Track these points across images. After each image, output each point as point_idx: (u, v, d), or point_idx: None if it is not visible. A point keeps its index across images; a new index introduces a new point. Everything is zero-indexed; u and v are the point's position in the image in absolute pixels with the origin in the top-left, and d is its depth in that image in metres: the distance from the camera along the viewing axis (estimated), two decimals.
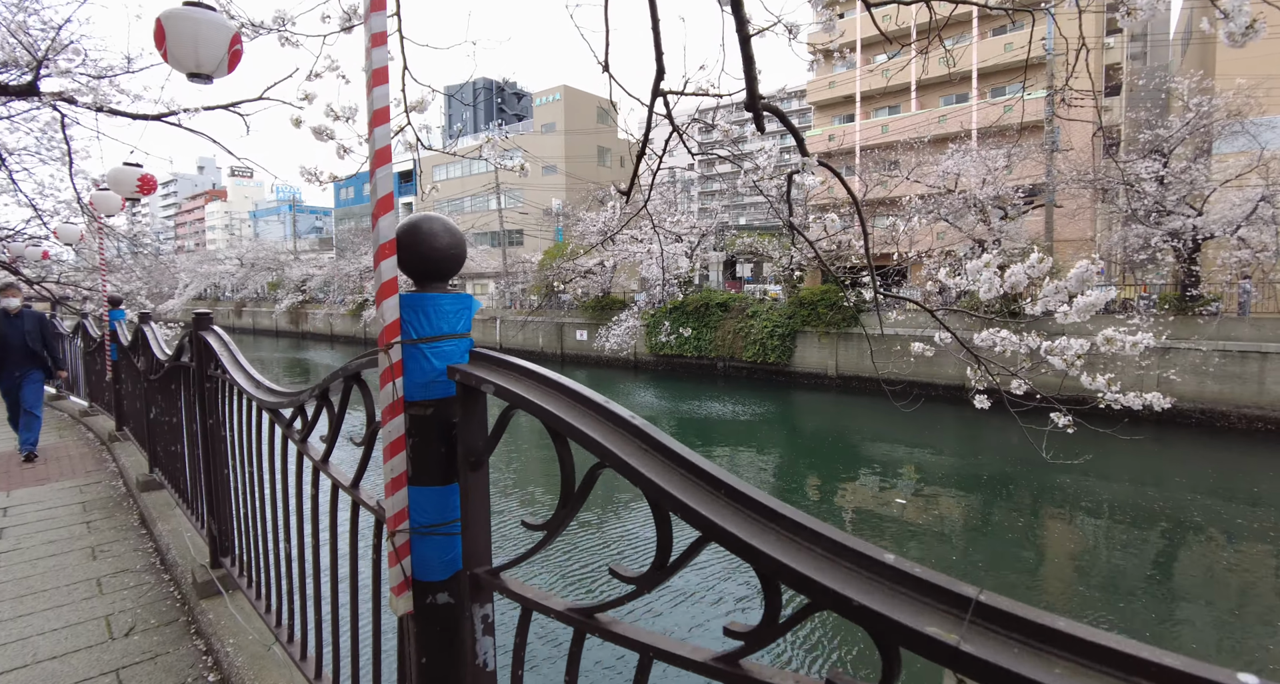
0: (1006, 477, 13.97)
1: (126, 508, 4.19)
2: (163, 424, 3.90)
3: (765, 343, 25.88)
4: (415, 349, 1.08)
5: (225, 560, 2.70)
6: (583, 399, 0.90)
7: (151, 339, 3.90)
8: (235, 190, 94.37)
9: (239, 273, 50.16)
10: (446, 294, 1.11)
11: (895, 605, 0.57)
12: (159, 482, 4.18)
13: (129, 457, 5.08)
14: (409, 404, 1.10)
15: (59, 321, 8.79)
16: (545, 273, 32.46)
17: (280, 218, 76.11)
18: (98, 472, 5.13)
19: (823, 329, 24.78)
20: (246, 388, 2.10)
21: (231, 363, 2.30)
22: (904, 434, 18.13)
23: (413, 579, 1.12)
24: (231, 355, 2.34)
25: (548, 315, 32.95)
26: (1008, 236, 21.38)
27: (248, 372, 2.18)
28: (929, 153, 23.55)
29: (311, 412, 1.68)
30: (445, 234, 1.11)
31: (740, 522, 0.70)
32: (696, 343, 27.74)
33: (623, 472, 0.79)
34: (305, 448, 1.73)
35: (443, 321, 1.10)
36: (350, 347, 42.13)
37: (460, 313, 1.12)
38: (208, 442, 2.68)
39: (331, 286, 44.83)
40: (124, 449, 5.38)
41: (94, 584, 3.05)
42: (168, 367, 3.48)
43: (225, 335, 2.49)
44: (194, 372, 2.75)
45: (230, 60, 3.15)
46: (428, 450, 1.10)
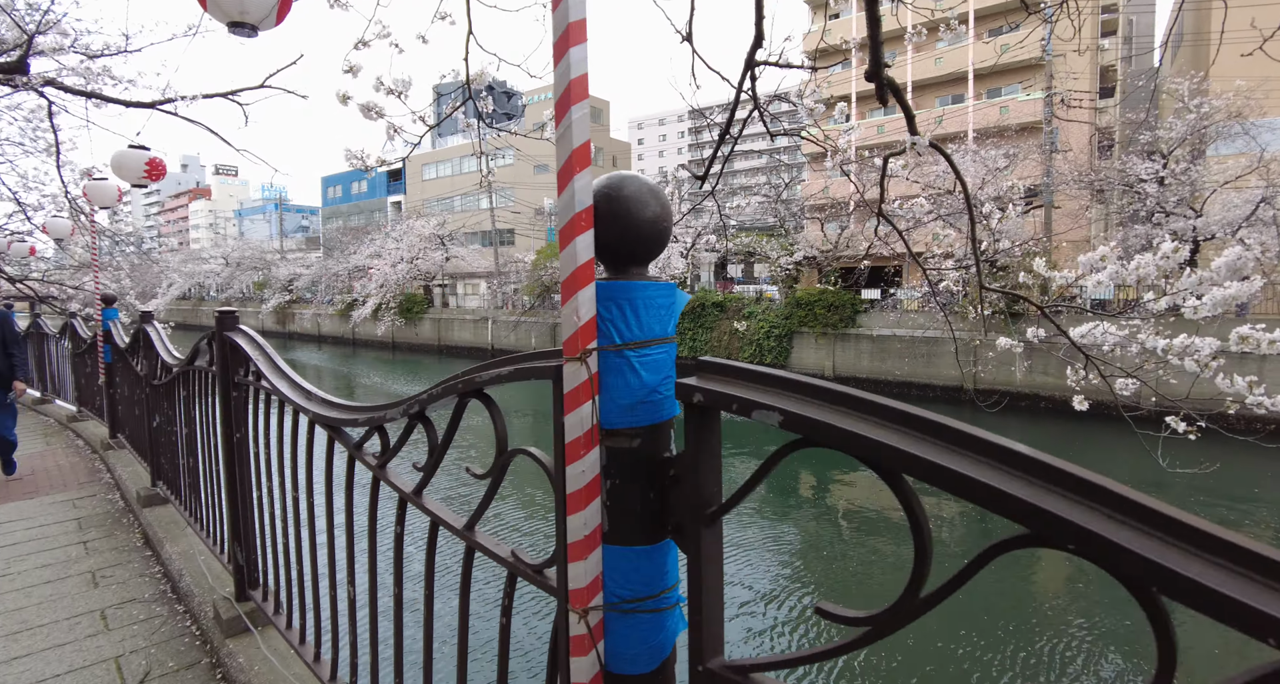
0: None
1: (127, 525, 3.82)
2: (168, 434, 3.55)
3: (762, 343, 25.71)
4: (619, 358, 0.78)
5: (254, 593, 2.36)
6: (929, 425, 0.60)
7: (157, 340, 3.54)
8: (220, 189, 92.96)
9: (224, 272, 49.29)
10: (656, 283, 0.80)
11: None
12: (163, 496, 3.82)
13: (126, 467, 4.70)
14: (606, 433, 0.79)
15: (42, 321, 8.33)
16: (539, 273, 32.06)
17: (266, 217, 75.00)
18: (91, 484, 4.75)
19: (820, 330, 24.64)
20: (295, 399, 1.77)
21: (271, 369, 1.97)
22: None
23: (605, 672, 0.81)
24: (270, 360, 2.01)
25: (541, 316, 32.55)
26: (1005, 236, 21.31)
27: (294, 380, 1.85)
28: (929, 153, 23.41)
29: (398, 432, 1.36)
30: (653, 201, 0.81)
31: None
32: (692, 343, 27.50)
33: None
34: (384, 475, 1.41)
35: (654, 320, 0.80)
36: (339, 347, 41.49)
37: (670, 309, 0.82)
38: (232, 458, 2.35)
39: (319, 286, 44.13)
40: (119, 458, 4.99)
41: (98, 617, 2.70)
42: (178, 371, 3.13)
43: (259, 337, 2.16)
44: (215, 378, 2.42)
45: (280, 10, 2.78)
46: (632, 497, 0.80)
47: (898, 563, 8.90)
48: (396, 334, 38.55)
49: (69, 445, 6.08)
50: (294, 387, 1.83)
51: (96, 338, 5.75)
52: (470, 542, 1.16)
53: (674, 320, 0.81)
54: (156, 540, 3.33)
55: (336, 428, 1.59)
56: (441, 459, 1.24)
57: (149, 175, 5.38)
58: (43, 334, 8.13)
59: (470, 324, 36.13)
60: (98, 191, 5.63)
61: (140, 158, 5.44)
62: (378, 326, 38.05)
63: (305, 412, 1.71)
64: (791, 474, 14.32)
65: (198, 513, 3.16)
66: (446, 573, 5.33)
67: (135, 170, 5.41)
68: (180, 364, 3.05)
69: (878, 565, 9.07)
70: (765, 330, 25.72)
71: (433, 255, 37.99)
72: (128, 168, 5.48)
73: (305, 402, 1.72)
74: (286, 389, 1.84)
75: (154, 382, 3.77)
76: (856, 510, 11.92)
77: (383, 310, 37.42)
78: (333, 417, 1.57)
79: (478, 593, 5.85)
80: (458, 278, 42.37)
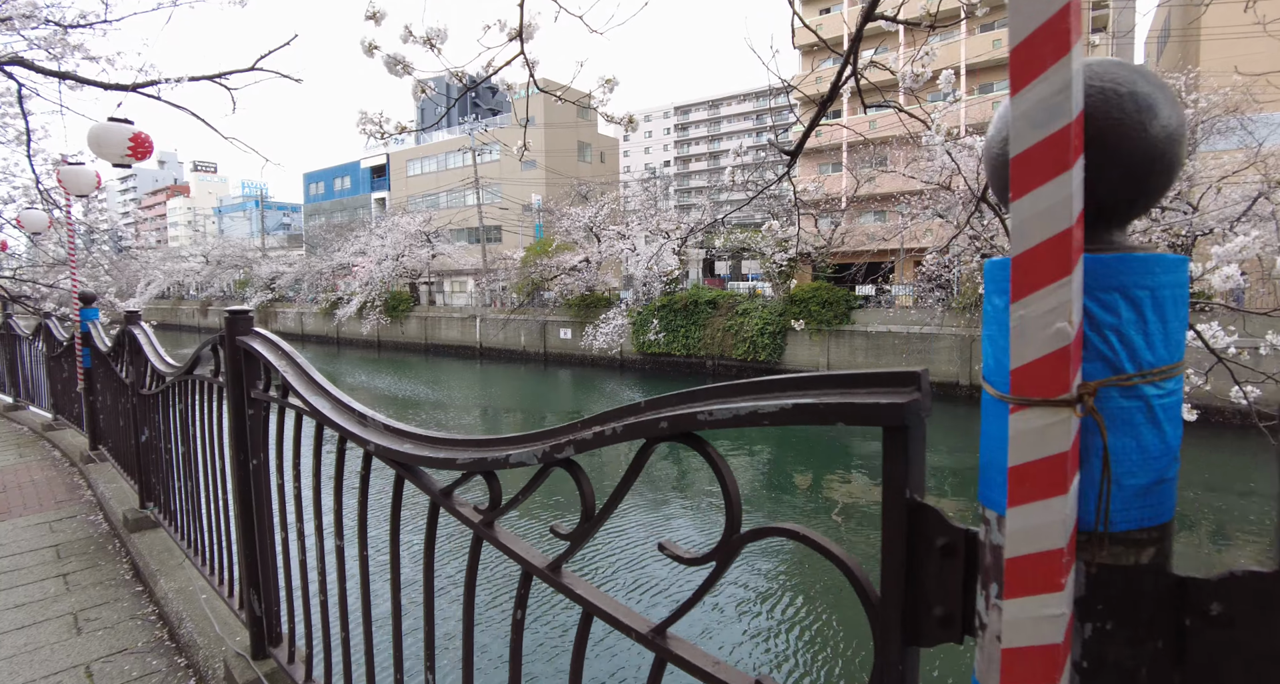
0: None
1: (113, 553, 3.38)
2: (161, 451, 3.12)
3: (756, 341, 25.47)
4: (1130, 399, 0.40)
5: (275, 651, 1.96)
6: None
7: (146, 345, 3.11)
8: (199, 186, 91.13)
9: (204, 271, 48.19)
10: (1173, 256, 0.43)
11: None
12: (154, 520, 3.38)
13: (109, 483, 4.25)
14: (1112, 538, 0.41)
15: (14, 322, 7.77)
16: (528, 270, 31.54)
17: (246, 214, 73.59)
18: (71, 502, 4.28)
19: (814, 326, 24.42)
20: (344, 424, 1.37)
21: (305, 383, 1.57)
22: None
23: None
24: (302, 372, 1.61)
25: (530, 314, 32.04)
26: (1001, 232, 21.18)
27: (339, 399, 1.45)
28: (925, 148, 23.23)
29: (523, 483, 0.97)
30: (1165, 105, 0.43)
31: None
32: (685, 341, 27.21)
33: None
34: (493, 536, 1.02)
35: (1178, 328, 0.42)
36: (323, 346, 40.69)
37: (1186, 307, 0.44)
38: (246, 488, 1.94)
39: (302, 285, 43.25)
40: (101, 472, 4.53)
41: (83, 675, 2.28)
42: (173, 381, 2.71)
43: (285, 344, 1.75)
44: (223, 391, 2.01)
45: None
46: (1140, 664, 0.42)
47: None
48: (382, 333, 37.85)
49: (44, 457, 5.58)
50: (340, 407, 1.42)
51: (74, 340, 5.28)
52: (662, 652, 0.78)
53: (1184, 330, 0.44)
54: (149, 574, 2.90)
55: (410, 467, 1.20)
56: (594, 527, 0.85)
57: (133, 153, 4.71)
58: (15, 336, 7.59)
59: (458, 322, 35.55)
60: (73, 178, 5.04)
61: (123, 133, 4.78)
62: (363, 325, 37.33)
63: (359, 441, 1.32)
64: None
65: (197, 543, 2.74)
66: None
67: (118, 147, 4.71)
68: (176, 373, 2.62)
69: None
70: (759, 327, 25.47)
71: (419, 252, 37.33)
72: (109, 144, 4.78)
73: (359, 428, 1.32)
74: (330, 410, 1.44)
75: (142, 390, 3.33)
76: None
77: (368, 309, 36.72)
78: (407, 452, 1.17)
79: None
80: (444, 275, 41.71)
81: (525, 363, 32.10)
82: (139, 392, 3.36)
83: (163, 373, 2.83)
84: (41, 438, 6.29)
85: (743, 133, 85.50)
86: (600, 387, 25.49)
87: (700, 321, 27.01)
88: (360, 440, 1.31)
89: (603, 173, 46.76)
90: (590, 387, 25.71)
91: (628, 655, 5.99)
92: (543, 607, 6.77)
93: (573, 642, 0.91)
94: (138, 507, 3.51)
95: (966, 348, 21.67)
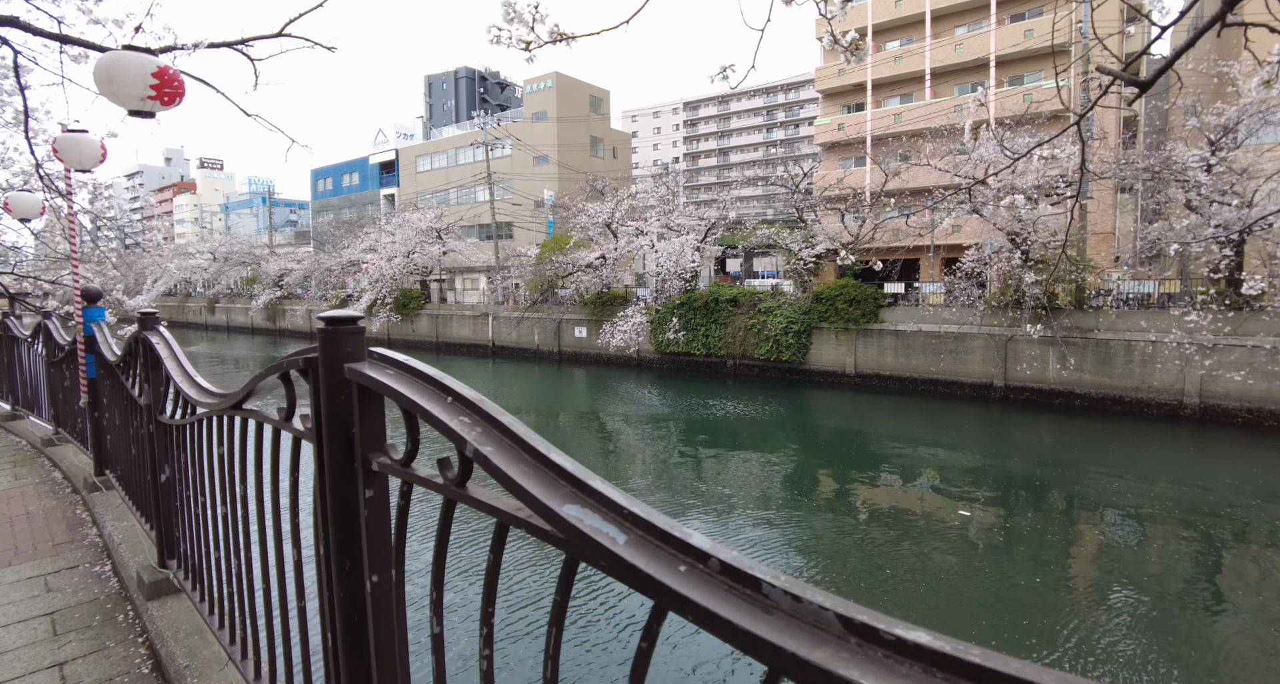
0: (1042, 479, 13.18)
1: (124, 628, 2.60)
2: (188, 499, 2.35)
3: (779, 340, 24.65)
4: None
5: None
6: None
7: (169, 359, 2.32)
8: (205, 182, 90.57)
9: (211, 267, 47.56)
10: None
11: None
12: (176, 585, 2.61)
13: (118, 522, 3.48)
14: None
15: (10, 322, 7.01)
16: (544, 267, 30.74)
17: (253, 211, 72.97)
18: (72, 545, 3.51)
19: (841, 325, 23.60)
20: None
21: (513, 452, 0.78)
22: (929, 434, 17.45)
23: None
24: (510, 433, 0.82)
25: (544, 312, 31.26)
26: (1037, 228, 20.32)
27: (611, 500, 0.67)
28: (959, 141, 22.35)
29: None
30: None
31: None
32: (705, 340, 26.41)
33: None
34: None
35: None
36: None
37: None
38: (356, 611, 1.16)
39: (311, 282, 42.58)
40: (108, 504, 3.77)
41: None
42: (211, 414, 1.93)
43: (471, 393, 0.95)
44: (320, 447, 1.22)
45: None
46: None
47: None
48: (392, 330, 37.16)
49: (43, 480, 4.82)
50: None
51: (76, 344, 4.52)
52: None
53: None
54: (176, 674, 2.12)
55: None
56: None
57: (158, 95, 3.51)
58: (13, 337, 6.83)
59: (469, 320, 34.83)
60: (73, 148, 4.13)
61: (144, 67, 3.52)
62: (373, 323, 36.64)
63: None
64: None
65: (243, 639, 1.95)
66: None
67: (137, 86, 3.52)
68: (218, 405, 1.83)
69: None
70: (783, 326, 24.64)
71: (430, 249, 36.61)
72: (125, 82, 3.56)
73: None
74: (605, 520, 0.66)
75: (162, 417, 2.56)
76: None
77: (378, 306, 36.00)
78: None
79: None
80: (456, 272, 40.98)
81: (539, 362, 31.36)
82: (157, 417, 2.58)
83: (194, 400, 2.05)
84: (40, 454, 5.53)
85: (753, 129, 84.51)
86: (616, 387, 24.73)
87: (721, 320, 26.21)
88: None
89: (615, 168, 45.93)
90: (606, 386, 24.95)
91: None
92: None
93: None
94: (156, 564, 2.74)
95: (1001, 348, 20.85)
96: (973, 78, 29.60)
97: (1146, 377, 18.55)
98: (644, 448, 16.63)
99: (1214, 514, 10.81)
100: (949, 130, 22.28)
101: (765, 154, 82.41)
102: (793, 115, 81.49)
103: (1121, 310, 18.72)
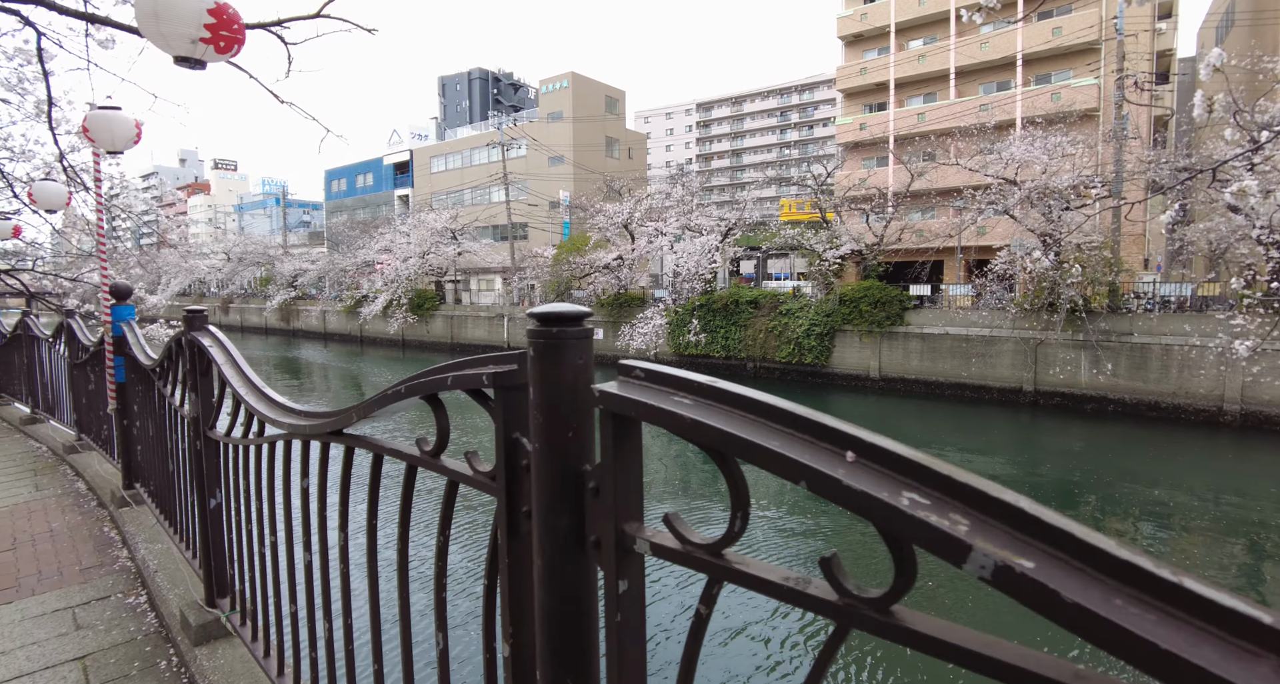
0: (1075, 485, 12.81)
1: (171, 679, 2.23)
2: (248, 532, 1.97)
3: (802, 342, 24.17)
4: None
5: None
6: None
7: (226, 364, 1.94)
8: (219, 183, 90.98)
9: (225, 268, 47.57)
10: None
11: None
12: (229, 629, 2.23)
13: (151, 544, 3.11)
14: None
15: (31, 321, 6.69)
16: (560, 267, 30.39)
17: (267, 212, 73.16)
18: (101, 569, 3.14)
19: (865, 327, 23.10)
20: None
21: None
22: (956, 439, 17.01)
23: None
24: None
25: None
26: (1069, 230, 19.77)
27: None
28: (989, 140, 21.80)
29: None
30: None
31: None
32: (725, 342, 25.96)
33: None
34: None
35: None
36: (345, 345, 39.88)
37: None
38: None
39: (325, 282, 42.46)
40: (139, 523, 3.41)
41: None
42: (306, 434, 1.55)
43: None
44: (501, 518, 0.83)
45: None
46: None
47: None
48: (407, 332, 36.93)
49: (66, 491, 4.47)
50: None
51: (104, 345, 4.16)
52: None
53: None
54: None
55: None
56: None
57: (213, 38, 2.87)
58: (34, 337, 6.51)
59: (485, 321, 34.55)
60: (105, 126, 3.62)
61: (199, 2, 2.84)
62: (389, 324, 36.43)
63: None
64: None
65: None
66: None
67: (189, 25, 2.83)
68: (309, 428, 1.44)
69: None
70: (805, 328, 24.16)
71: (445, 250, 36.36)
72: (175, 19, 2.84)
73: None
74: None
75: (212, 432, 2.18)
76: None
77: (394, 307, 35.78)
78: None
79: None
80: (471, 273, 40.74)
81: None
82: (206, 432, 2.21)
83: (266, 417, 1.66)
84: (63, 462, 5.19)
85: (766, 130, 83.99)
86: None
87: (741, 322, 25.76)
88: None
89: (631, 169, 45.57)
90: None
91: None
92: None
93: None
94: (203, 601, 2.36)
95: (1031, 352, 20.33)
96: (998, 76, 29.04)
97: (1185, 382, 17.99)
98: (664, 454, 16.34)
99: (1261, 526, 10.35)
100: (979, 129, 21.76)
101: (779, 155, 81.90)
102: (807, 116, 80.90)
103: (1162, 314, 18.15)
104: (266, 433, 1.70)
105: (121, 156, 3.45)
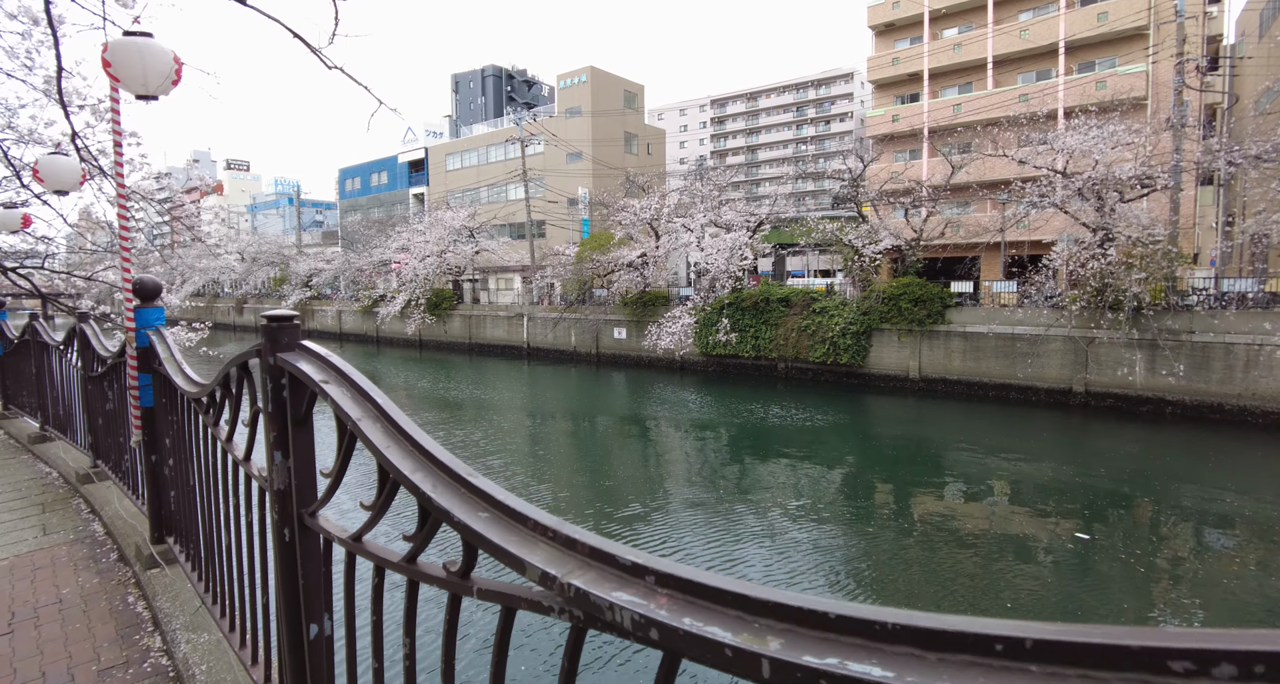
0: (1140, 494, 11.95)
1: None
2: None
3: (837, 342, 23.18)
4: None
5: None
6: None
7: (371, 421, 1.09)
8: (231, 183, 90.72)
9: (240, 268, 47.06)
10: None
11: None
12: None
13: (196, 636, 2.26)
14: None
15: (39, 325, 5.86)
16: (583, 266, 29.52)
17: (279, 212, 72.74)
18: (129, 670, 2.30)
19: (904, 327, 22.10)
20: None
21: None
22: (1002, 442, 16.17)
23: None
24: None
25: (583, 312, 30.04)
26: (1128, 223, 18.72)
27: None
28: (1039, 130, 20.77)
29: None
30: None
31: None
32: (755, 342, 25.01)
33: None
34: None
35: None
36: (361, 345, 39.31)
37: None
38: None
39: (340, 282, 41.83)
40: (175, 594, 2.56)
41: None
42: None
43: None
44: None
45: None
46: None
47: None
48: (424, 332, 36.22)
49: (79, 536, 3.63)
50: None
51: (125, 356, 3.33)
52: None
53: None
54: None
55: None
56: None
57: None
58: (43, 344, 5.69)
59: (504, 321, 33.76)
60: (134, 60, 2.54)
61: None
62: (406, 324, 35.71)
63: None
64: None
65: None
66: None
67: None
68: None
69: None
70: (840, 327, 23.17)
71: (462, 248, 35.60)
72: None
73: None
74: None
75: (314, 520, 1.32)
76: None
77: (411, 307, 35.05)
78: None
79: None
80: (489, 272, 39.98)
81: (575, 364, 30.18)
82: (304, 518, 1.35)
83: (468, 527, 0.79)
84: (75, 494, 4.36)
85: (782, 126, 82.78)
86: (659, 392, 23.44)
87: (772, 321, 24.79)
88: None
89: (650, 164, 44.64)
90: (649, 390, 23.68)
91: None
92: None
93: None
94: None
95: (1080, 351, 19.29)
96: (1039, 65, 27.92)
97: (1251, 383, 16.93)
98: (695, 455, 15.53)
99: None
100: (1029, 118, 20.69)
101: (795, 151, 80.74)
102: (823, 112, 79.63)
103: (1231, 310, 17.08)
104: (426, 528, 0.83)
105: (154, 102, 2.60)
